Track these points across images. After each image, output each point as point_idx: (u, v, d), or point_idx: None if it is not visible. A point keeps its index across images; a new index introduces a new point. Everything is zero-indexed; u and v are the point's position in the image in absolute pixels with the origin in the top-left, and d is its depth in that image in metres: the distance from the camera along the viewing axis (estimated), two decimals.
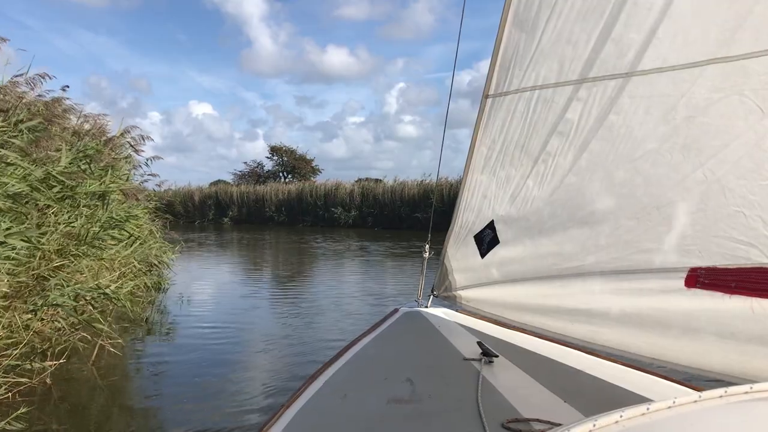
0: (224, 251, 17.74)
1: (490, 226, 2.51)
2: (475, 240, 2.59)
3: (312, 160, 41.28)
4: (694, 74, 1.83)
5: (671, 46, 1.86)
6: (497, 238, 2.50)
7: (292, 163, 40.45)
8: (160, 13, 75.27)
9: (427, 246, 3.01)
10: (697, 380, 2.03)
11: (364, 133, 63.69)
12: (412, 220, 25.95)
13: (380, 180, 31.05)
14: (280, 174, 40.94)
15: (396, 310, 2.84)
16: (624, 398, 1.67)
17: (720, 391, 1.11)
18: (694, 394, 1.08)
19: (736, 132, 1.78)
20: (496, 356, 2.06)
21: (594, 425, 0.95)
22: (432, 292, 2.91)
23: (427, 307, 2.89)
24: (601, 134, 2.08)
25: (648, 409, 1.01)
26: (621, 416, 0.98)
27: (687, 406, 1.05)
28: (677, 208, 1.92)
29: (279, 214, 32.14)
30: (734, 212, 1.79)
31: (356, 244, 19.56)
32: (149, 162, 12.45)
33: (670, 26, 1.85)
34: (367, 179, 31.89)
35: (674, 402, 1.04)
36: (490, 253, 2.54)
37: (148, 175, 12.78)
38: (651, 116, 1.95)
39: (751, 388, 1.14)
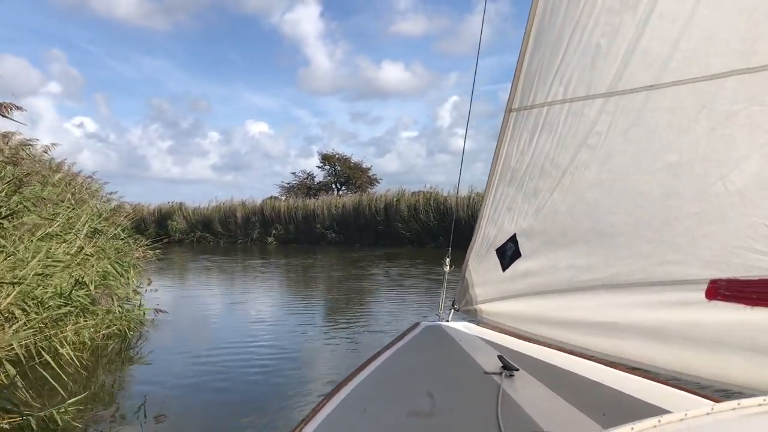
0: (254, 290, 12.79)
1: (513, 239, 2.46)
2: (497, 253, 2.54)
3: (368, 169, 36.25)
4: (714, 86, 1.80)
5: (693, 57, 1.84)
6: (519, 251, 2.45)
7: (346, 173, 35.52)
8: (219, 36, 76.62)
9: (448, 259, 2.96)
10: (725, 395, 1.81)
11: (417, 147, 61.41)
12: None
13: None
14: (333, 186, 36.14)
15: (417, 324, 2.78)
16: (645, 412, 1.47)
17: (733, 403, 1.10)
18: (706, 407, 1.07)
19: (758, 143, 1.75)
20: (517, 370, 2.02)
21: None
22: (453, 306, 2.84)
23: (448, 321, 2.82)
24: (623, 147, 2.05)
25: (660, 421, 1.01)
26: (632, 429, 0.98)
27: (699, 418, 1.04)
28: (697, 220, 1.90)
29: (332, 232, 27.25)
30: (755, 223, 1.77)
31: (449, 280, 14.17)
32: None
33: (692, 38, 1.83)
34: (434, 190, 26.46)
35: (686, 414, 1.03)
36: (511, 266, 2.49)
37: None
38: (672, 128, 1.92)
39: (765, 400, 1.13)
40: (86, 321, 5.38)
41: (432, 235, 23.64)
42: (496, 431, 1.50)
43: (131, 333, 6.56)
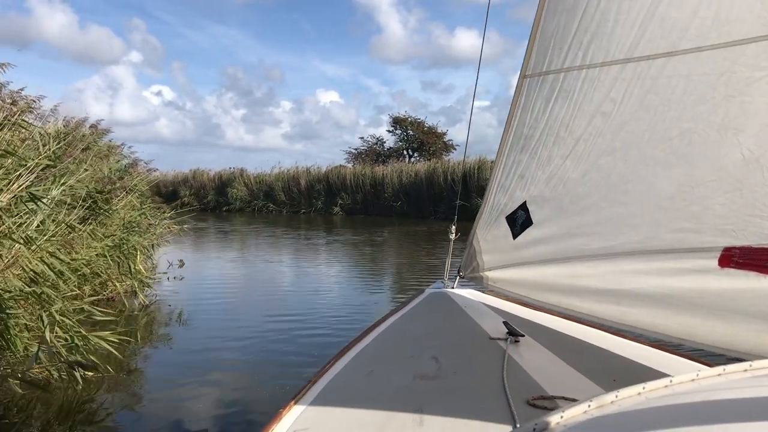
0: (314, 281, 10.13)
1: (523, 207, 2.46)
2: (507, 221, 2.53)
3: (444, 134, 32.85)
4: (735, 53, 1.78)
5: (713, 24, 1.81)
6: (530, 219, 2.45)
7: (419, 138, 32.31)
8: (292, 6, 76.63)
9: (454, 227, 3.01)
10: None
11: (488, 117, 57.83)
12: None
13: None
14: (404, 152, 33.09)
15: (422, 291, 2.81)
16: (649, 377, 1.46)
17: (745, 365, 1.09)
18: (718, 368, 1.06)
19: None
20: (522, 335, 2.02)
21: (616, 396, 0.94)
22: (458, 273, 2.84)
23: (453, 288, 2.85)
24: (639, 114, 2.03)
25: (671, 381, 1.00)
26: (644, 388, 0.97)
27: (711, 379, 1.03)
28: (712, 188, 1.88)
29: (402, 203, 24.38)
30: None
31: None
32: None
33: (712, 4, 1.80)
34: None
35: (698, 375, 1.02)
36: (522, 234, 2.48)
37: None
38: (689, 96, 1.91)
39: None
40: None
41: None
42: (502, 395, 1.50)
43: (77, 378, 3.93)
